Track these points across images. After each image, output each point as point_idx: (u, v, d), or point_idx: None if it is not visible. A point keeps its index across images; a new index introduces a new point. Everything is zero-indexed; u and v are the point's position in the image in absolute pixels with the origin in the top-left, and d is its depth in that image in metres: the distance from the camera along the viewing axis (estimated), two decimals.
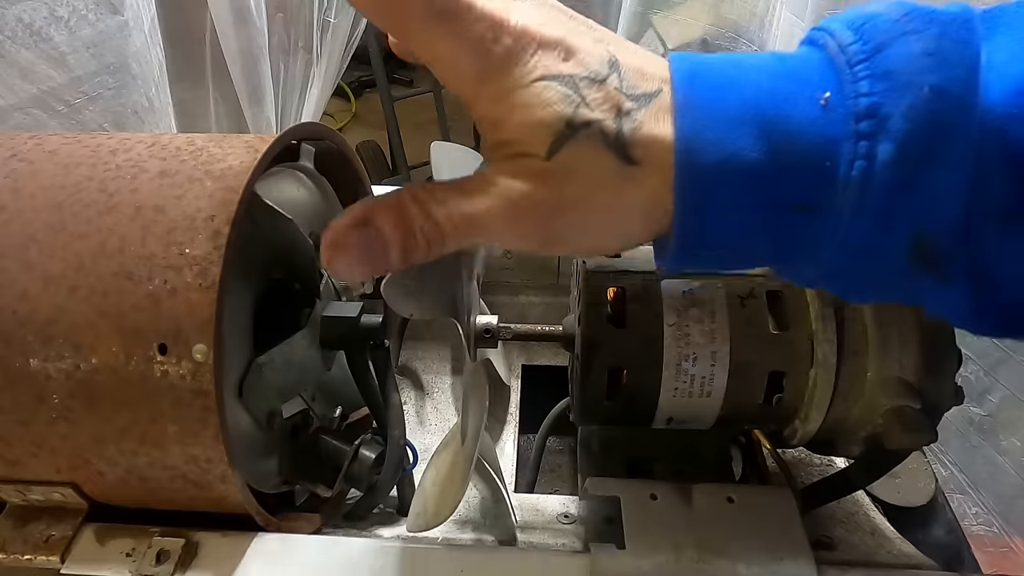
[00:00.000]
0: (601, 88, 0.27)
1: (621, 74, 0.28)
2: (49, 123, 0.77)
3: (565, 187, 0.28)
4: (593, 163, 0.28)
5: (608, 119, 0.27)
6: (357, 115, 2.53)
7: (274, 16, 1.14)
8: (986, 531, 0.68)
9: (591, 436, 0.45)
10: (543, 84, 0.27)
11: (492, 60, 0.27)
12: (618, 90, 0.27)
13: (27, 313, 0.33)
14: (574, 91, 0.27)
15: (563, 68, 0.27)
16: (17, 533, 0.37)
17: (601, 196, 0.28)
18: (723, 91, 0.27)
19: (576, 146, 0.27)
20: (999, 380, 0.64)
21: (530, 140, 0.28)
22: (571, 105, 0.27)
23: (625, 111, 0.27)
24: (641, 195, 0.28)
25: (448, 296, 0.38)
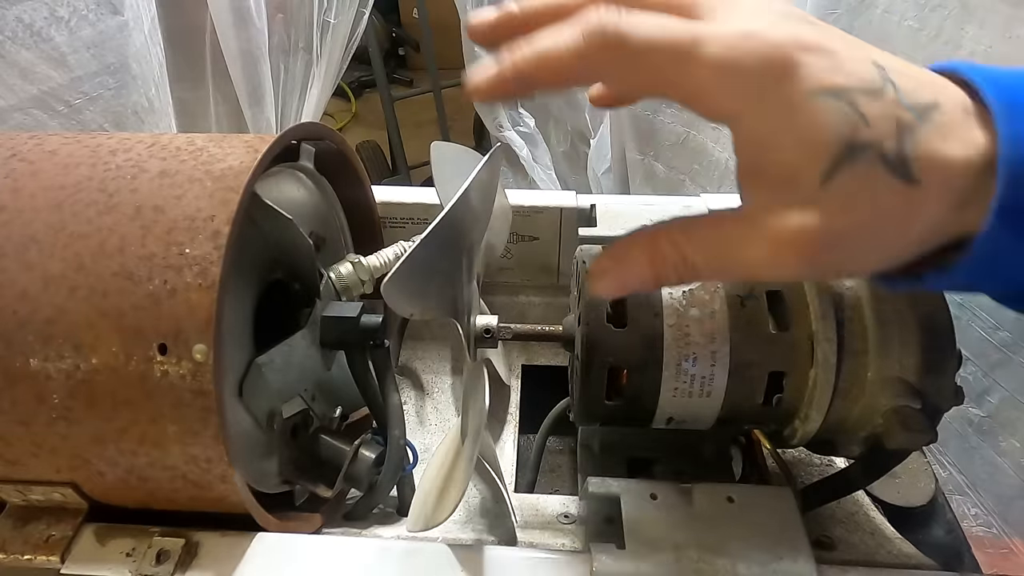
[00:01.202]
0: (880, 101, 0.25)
1: (896, 83, 0.25)
2: (49, 123, 0.77)
3: (842, 218, 0.25)
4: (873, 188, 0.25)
5: (889, 138, 0.25)
6: (357, 115, 2.53)
7: (274, 16, 1.14)
8: (985, 532, 0.68)
9: (591, 436, 0.45)
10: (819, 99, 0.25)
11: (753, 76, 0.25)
12: (896, 102, 0.25)
13: (27, 313, 0.33)
14: (852, 107, 0.25)
15: (836, 80, 0.25)
16: (17, 533, 0.37)
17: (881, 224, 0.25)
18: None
19: (853, 170, 0.25)
20: (998, 381, 0.64)
21: (803, 164, 0.25)
22: (849, 124, 0.24)
23: (907, 127, 0.25)
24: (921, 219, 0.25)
25: (449, 296, 0.38)
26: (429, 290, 0.36)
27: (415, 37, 2.49)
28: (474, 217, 0.40)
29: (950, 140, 0.25)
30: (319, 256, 0.45)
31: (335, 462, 0.42)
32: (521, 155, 1.50)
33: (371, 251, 0.49)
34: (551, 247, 0.60)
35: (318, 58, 1.22)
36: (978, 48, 0.60)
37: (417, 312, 0.36)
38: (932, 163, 0.25)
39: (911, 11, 0.66)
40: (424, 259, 0.34)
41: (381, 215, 0.55)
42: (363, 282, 0.48)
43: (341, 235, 0.52)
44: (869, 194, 0.25)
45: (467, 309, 0.40)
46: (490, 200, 0.43)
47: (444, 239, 0.36)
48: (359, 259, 0.48)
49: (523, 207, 0.58)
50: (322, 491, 0.42)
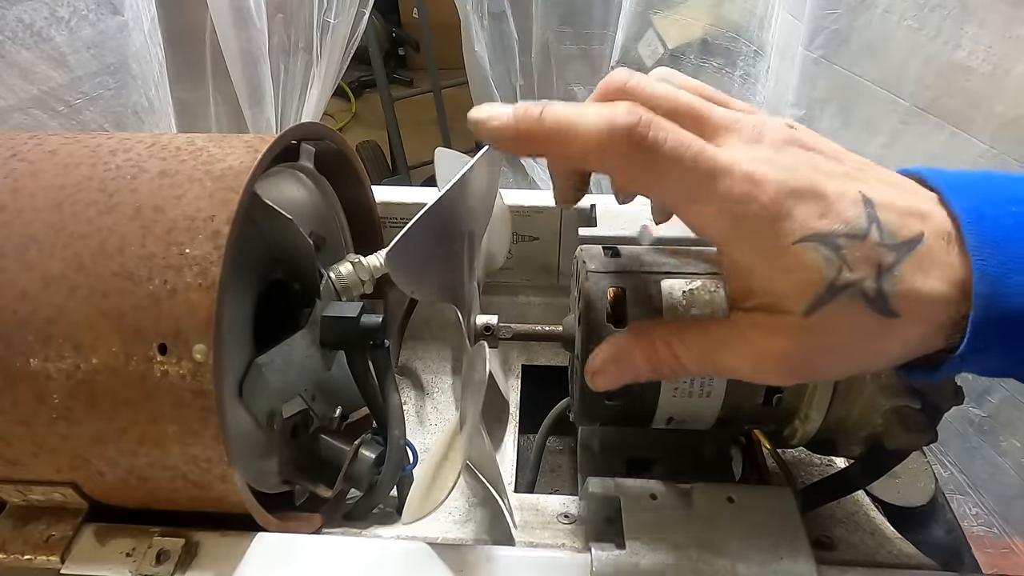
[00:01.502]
0: (863, 244, 0.27)
1: (880, 224, 0.27)
2: (49, 123, 0.77)
3: (820, 342, 0.28)
4: (852, 320, 0.27)
5: (869, 278, 0.27)
6: (357, 115, 2.53)
7: (274, 17, 1.14)
8: (986, 532, 0.68)
9: (591, 436, 0.45)
10: (804, 245, 0.27)
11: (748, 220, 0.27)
12: (879, 243, 0.27)
13: (27, 313, 0.33)
14: (835, 252, 0.27)
15: (822, 225, 0.27)
16: (17, 533, 0.37)
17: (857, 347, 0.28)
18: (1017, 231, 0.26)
19: (835, 306, 0.27)
20: (999, 381, 0.65)
21: (787, 299, 0.28)
22: (832, 268, 0.27)
23: (886, 267, 0.27)
24: (899, 344, 0.28)
25: (449, 281, 0.38)
26: (430, 268, 0.36)
27: (415, 37, 2.49)
28: (474, 205, 0.40)
29: (929, 274, 0.27)
30: (319, 256, 0.45)
31: (335, 462, 0.42)
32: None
33: (371, 251, 0.49)
34: (551, 247, 0.60)
35: (318, 58, 1.22)
36: (978, 48, 0.60)
37: (418, 292, 0.36)
38: (910, 298, 0.27)
39: (911, 11, 0.66)
40: (427, 230, 0.34)
41: (381, 215, 0.55)
42: (363, 282, 0.48)
43: (341, 235, 0.52)
44: (846, 325, 0.27)
45: (467, 299, 0.40)
46: (490, 196, 0.43)
47: (446, 217, 0.36)
48: (359, 259, 0.48)
49: (523, 207, 0.58)
50: (322, 491, 0.42)
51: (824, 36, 0.75)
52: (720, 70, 1.09)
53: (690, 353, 0.31)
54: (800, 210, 0.27)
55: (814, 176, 0.27)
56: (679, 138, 0.27)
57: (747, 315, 0.29)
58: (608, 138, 0.27)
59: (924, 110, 0.67)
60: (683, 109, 0.29)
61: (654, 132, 0.26)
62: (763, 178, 0.27)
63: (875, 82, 0.72)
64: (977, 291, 0.26)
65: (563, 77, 1.43)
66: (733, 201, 0.27)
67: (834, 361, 0.29)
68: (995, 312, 0.26)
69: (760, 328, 0.29)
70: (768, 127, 0.29)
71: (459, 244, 0.39)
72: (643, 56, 1.17)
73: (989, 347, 0.27)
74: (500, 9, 1.41)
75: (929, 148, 0.67)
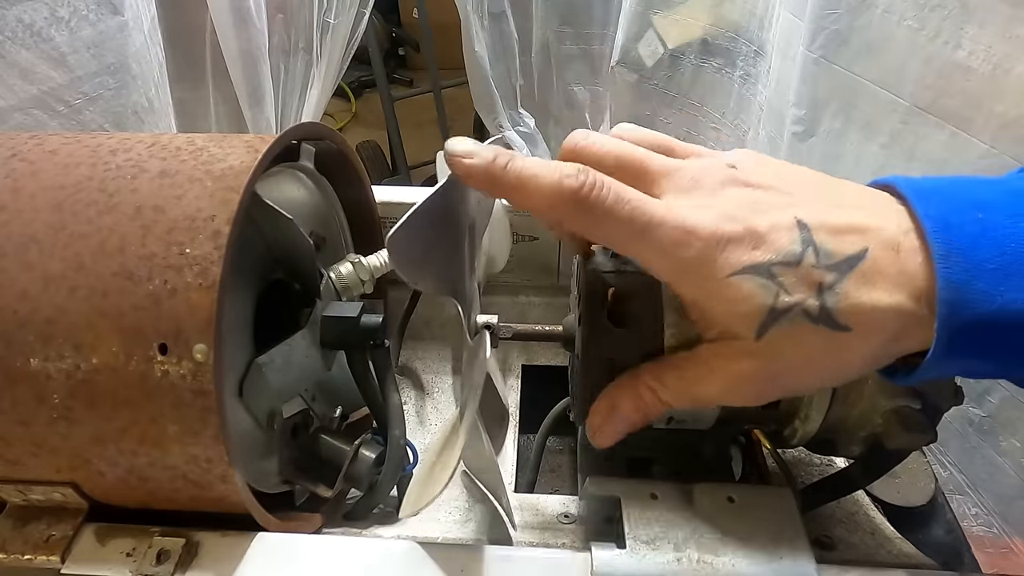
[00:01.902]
0: (797, 270, 0.29)
1: (816, 246, 0.29)
2: (49, 123, 0.77)
3: (778, 361, 0.30)
4: (802, 338, 0.29)
5: (809, 298, 0.28)
6: (357, 115, 2.54)
7: (274, 17, 1.14)
8: (985, 532, 0.68)
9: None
10: (739, 278, 0.29)
11: (685, 263, 0.30)
12: (815, 266, 0.29)
13: (27, 313, 0.33)
14: (770, 279, 0.29)
15: (755, 257, 0.29)
16: (17, 533, 0.36)
17: (816, 362, 0.30)
18: (981, 239, 0.28)
19: (782, 327, 0.29)
20: (998, 381, 0.64)
21: (736, 327, 0.30)
22: (770, 295, 0.29)
23: (827, 286, 0.28)
24: (858, 355, 0.29)
25: (449, 276, 0.38)
26: (431, 258, 0.36)
27: (415, 37, 2.49)
28: (474, 199, 0.40)
29: (876, 286, 0.28)
30: (319, 256, 0.45)
31: (335, 462, 0.42)
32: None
33: (371, 251, 0.49)
34: (551, 247, 0.60)
35: (318, 58, 1.21)
36: (978, 48, 0.60)
37: (418, 278, 0.36)
38: (858, 312, 0.28)
39: (911, 11, 0.66)
40: (428, 218, 0.34)
41: (381, 215, 0.55)
42: (363, 282, 0.48)
43: (341, 235, 0.52)
44: (798, 343, 0.29)
45: (468, 294, 0.40)
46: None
47: (446, 207, 0.36)
48: (359, 259, 0.48)
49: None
50: (322, 491, 0.42)
51: (824, 36, 0.75)
52: (720, 70, 1.09)
53: (670, 392, 0.33)
54: (732, 248, 0.29)
55: (747, 214, 0.30)
56: (619, 195, 0.30)
57: (711, 346, 0.32)
58: (556, 197, 0.30)
59: (924, 110, 0.67)
60: (626, 162, 0.32)
61: (596, 192, 0.30)
62: (696, 225, 0.29)
63: (875, 82, 0.72)
64: (942, 297, 0.27)
65: (563, 77, 1.43)
66: (668, 247, 0.30)
67: (797, 378, 0.31)
68: (959, 319, 0.27)
69: (722, 356, 0.31)
70: (706, 172, 0.32)
71: (459, 237, 0.39)
72: (643, 56, 1.17)
73: (958, 352, 0.28)
74: (500, 9, 1.41)
75: (929, 148, 0.67)
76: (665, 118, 1.20)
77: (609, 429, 0.35)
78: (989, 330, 0.27)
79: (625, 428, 0.35)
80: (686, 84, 1.15)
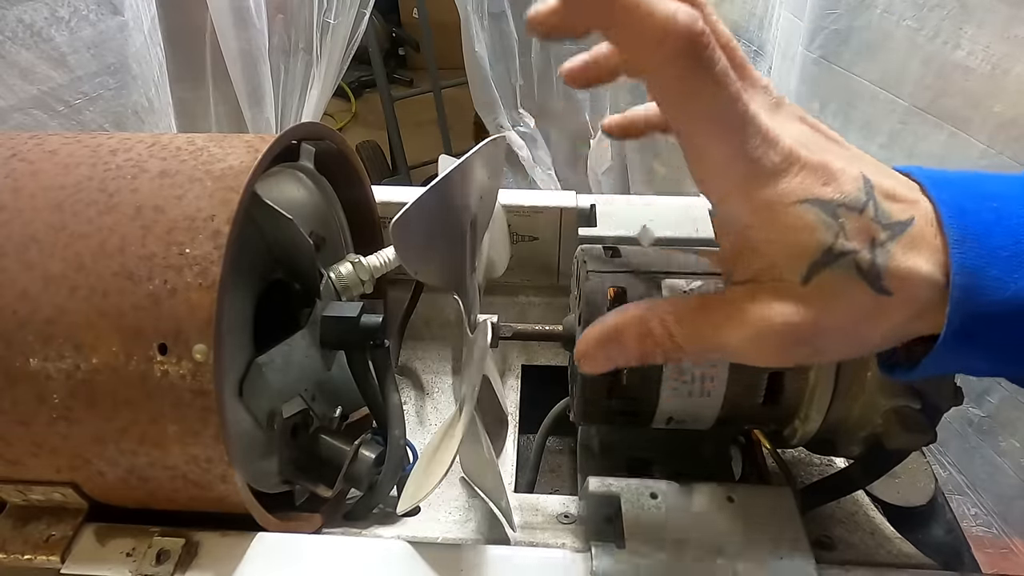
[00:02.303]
0: (860, 217, 0.28)
1: (876, 201, 0.28)
2: (49, 123, 0.77)
3: (822, 314, 0.28)
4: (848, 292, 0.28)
5: (864, 249, 0.27)
6: (357, 115, 2.53)
7: (274, 17, 1.14)
8: (985, 532, 0.68)
9: (591, 436, 0.45)
10: (806, 207, 0.27)
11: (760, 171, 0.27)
12: (873, 220, 0.28)
13: (27, 313, 0.33)
14: (834, 218, 0.27)
15: (825, 192, 0.28)
16: (17, 533, 0.37)
17: (853, 324, 0.28)
18: (996, 227, 0.27)
19: (832, 274, 0.27)
20: (998, 381, 0.65)
21: (786, 263, 0.28)
22: (831, 233, 0.27)
23: (880, 242, 0.27)
24: (888, 324, 0.28)
25: (451, 268, 0.38)
26: (434, 247, 0.37)
27: (415, 37, 2.49)
28: (476, 194, 0.40)
29: (919, 254, 0.27)
30: (319, 256, 0.45)
31: (335, 462, 0.42)
32: (521, 155, 1.50)
33: (371, 251, 0.49)
34: (551, 247, 0.60)
35: (318, 58, 1.22)
36: (977, 48, 0.60)
37: (420, 266, 0.36)
38: (900, 276, 0.27)
39: (910, 11, 0.66)
40: (432, 206, 0.34)
41: (381, 215, 0.55)
42: (363, 282, 0.48)
43: (341, 235, 0.52)
44: (846, 297, 0.28)
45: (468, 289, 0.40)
46: (492, 191, 0.43)
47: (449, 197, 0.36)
48: (359, 259, 0.48)
49: (523, 207, 0.58)
50: (322, 491, 0.42)
51: (824, 36, 0.76)
52: None
53: (685, 331, 0.30)
54: (805, 175, 0.27)
55: (822, 151, 0.28)
56: (728, 67, 0.26)
57: (744, 287, 0.29)
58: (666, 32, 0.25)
59: (923, 110, 0.67)
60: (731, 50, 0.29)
61: (711, 50, 0.25)
62: (777, 139, 0.27)
63: (875, 82, 0.72)
64: (955, 282, 0.27)
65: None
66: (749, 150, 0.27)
67: (829, 338, 0.29)
68: (972, 304, 0.27)
69: (758, 300, 0.29)
70: (785, 102, 0.30)
71: (461, 230, 0.39)
72: None
73: (967, 340, 0.27)
74: (500, 9, 1.41)
75: (928, 148, 0.67)
76: None
77: (601, 356, 0.31)
78: (1000, 318, 0.27)
79: (620, 359, 0.31)
80: None
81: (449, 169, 0.34)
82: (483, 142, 0.40)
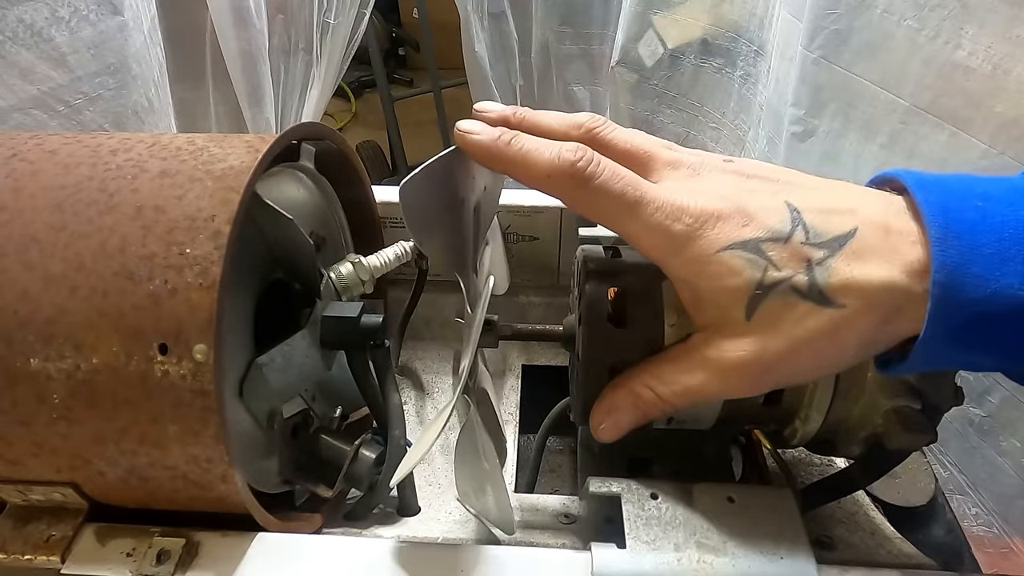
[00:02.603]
0: (786, 245, 0.29)
1: (805, 225, 0.29)
2: (49, 124, 0.77)
3: (770, 343, 0.30)
4: (794, 316, 0.29)
5: (798, 273, 0.29)
6: (357, 115, 2.54)
7: (274, 17, 1.14)
8: (986, 532, 0.68)
9: (591, 436, 0.45)
10: (727, 253, 0.29)
11: (675, 237, 0.30)
12: (804, 243, 0.29)
13: (28, 313, 0.33)
14: (758, 254, 0.29)
15: (744, 233, 0.29)
16: (17, 533, 0.37)
17: (809, 345, 0.29)
18: (979, 225, 0.28)
19: (772, 304, 0.29)
20: (999, 381, 0.65)
21: (726, 305, 0.30)
22: (758, 268, 0.29)
23: (817, 261, 0.29)
24: (854, 334, 0.29)
25: (454, 245, 0.38)
26: (440, 217, 0.37)
27: (415, 37, 2.49)
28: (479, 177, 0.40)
29: (867, 263, 0.28)
30: (319, 256, 0.45)
31: (335, 462, 0.42)
32: None
33: (371, 251, 0.49)
34: (551, 247, 0.60)
35: (318, 59, 1.22)
36: (978, 48, 0.60)
37: (425, 235, 0.37)
38: (848, 287, 0.28)
39: (911, 11, 0.66)
40: (439, 174, 0.35)
41: (381, 215, 0.55)
42: (363, 282, 0.48)
43: (341, 235, 0.52)
44: (792, 322, 0.29)
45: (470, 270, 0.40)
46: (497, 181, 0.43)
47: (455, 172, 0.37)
48: (359, 259, 0.48)
49: (523, 207, 0.58)
50: (322, 491, 0.42)
51: (824, 36, 0.75)
52: (720, 70, 1.09)
53: (666, 387, 0.33)
54: (722, 225, 0.30)
55: (740, 196, 0.30)
56: (614, 171, 0.31)
57: (703, 335, 0.32)
58: (554, 169, 0.31)
59: (924, 110, 0.67)
60: (635, 151, 0.34)
61: (592, 167, 0.31)
62: (686, 203, 0.30)
63: (875, 82, 0.72)
64: (935, 280, 0.27)
65: (563, 77, 1.43)
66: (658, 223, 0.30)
67: (793, 363, 0.30)
68: (953, 301, 0.27)
69: (713, 344, 0.31)
70: (704, 163, 0.33)
71: (466, 210, 0.39)
72: (643, 56, 1.17)
73: (952, 337, 0.28)
74: (500, 9, 1.41)
75: (929, 148, 0.67)
76: (665, 118, 1.20)
77: (610, 428, 0.35)
78: (983, 316, 0.27)
79: (626, 426, 0.35)
80: (686, 84, 1.15)
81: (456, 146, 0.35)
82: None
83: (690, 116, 1.17)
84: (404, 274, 0.54)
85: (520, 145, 0.33)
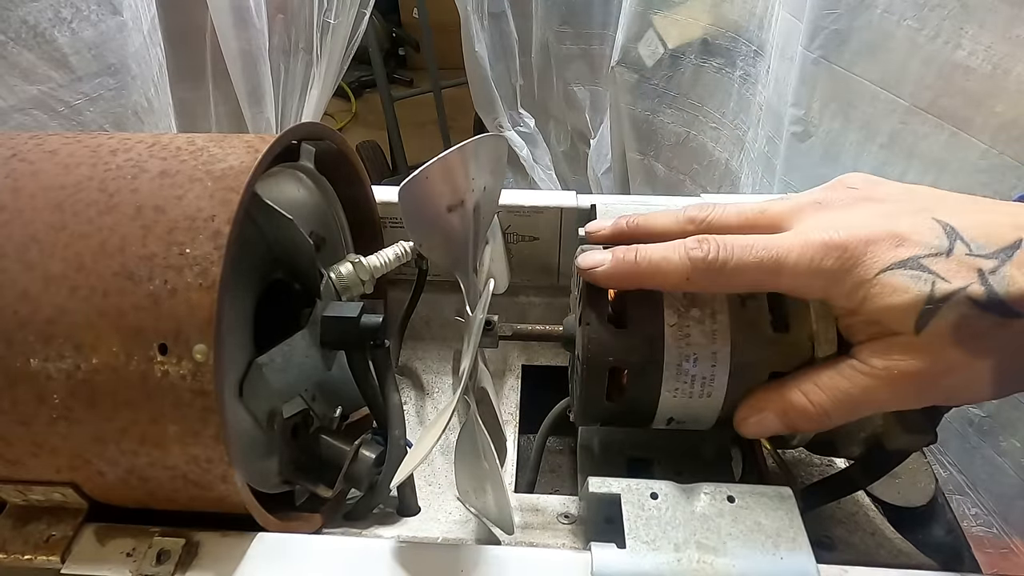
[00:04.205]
0: (949, 259, 0.28)
1: (964, 239, 0.29)
2: (50, 124, 0.77)
3: (943, 355, 0.29)
4: (971, 327, 0.28)
5: (972, 283, 0.28)
6: (357, 115, 2.54)
7: (274, 17, 1.14)
8: (986, 532, 0.68)
9: (591, 436, 0.45)
10: (888, 274, 0.29)
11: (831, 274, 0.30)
12: (969, 254, 0.28)
13: (28, 313, 0.33)
14: (922, 270, 0.28)
15: (899, 254, 0.29)
16: (17, 533, 0.37)
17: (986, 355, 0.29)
18: None
19: (946, 316, 0.28)
20: None
21: (895, 323, 0.29)
22: (926, 284, 0.28)
23: (989, 271, 0.28)
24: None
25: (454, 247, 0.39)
26: (439, 218, 0.37)
27: (415, 37, 2.49)
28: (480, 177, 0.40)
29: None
30: (319, 256, 0.45)
31: (335, 462, 0.42)
32: (521, 155, 1.50)
33: (371, 251, 0.49)
34: (551, 247, 0.60)
35: (318, 58, 1.21)
36: (978, 48, 0.60)
37: (424, 237, 0.37)
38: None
39: (911, 11, 0.66)
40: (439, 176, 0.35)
41: (381, 215, 0.55)
42: (363, 282, 0.48)
43: (341, 235, 0.52)
44: (969, 332, 0.28)
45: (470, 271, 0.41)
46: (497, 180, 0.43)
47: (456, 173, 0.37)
48: (359, 259, 0.48)
49: (523, 207, 0.58)
50: (322, 491, 0.42)
51: (824, 36, 0.75)
52: (720, 70, 1.09)
53: (825, 395, 0.32)
54: (874, 249, 0.29)
55: (884, 221, 0.30)
56: (742, 246, 0.31)
57: (869, 344, 0.31)
58: (690, 271, 0.32)
59: (924, 110, 0.67)
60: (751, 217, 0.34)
61: (722, 254, 0.32)
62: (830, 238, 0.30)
63: (875, 82, 0.72)
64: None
65: (563, 77, 1.43)
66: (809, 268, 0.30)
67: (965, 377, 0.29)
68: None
69: (879, 354, 0.30)
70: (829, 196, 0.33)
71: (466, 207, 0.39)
72: (643, 56, 1.17)
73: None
74: (500, 9, 1.41)
75: (929, 148, 0.67)
76: (665, 118, 1.20)
77: (754, 425, 0.35)
78: None
79: (771, 428, 0.35)
80: (686, 84, 1.15)
81: (455, 147, 0.35)
82: (484, 135, 0.40)
83: (690, 116, 1.17)
84: (404, 274, 0.54)
85: (647, 259, 0.33)
